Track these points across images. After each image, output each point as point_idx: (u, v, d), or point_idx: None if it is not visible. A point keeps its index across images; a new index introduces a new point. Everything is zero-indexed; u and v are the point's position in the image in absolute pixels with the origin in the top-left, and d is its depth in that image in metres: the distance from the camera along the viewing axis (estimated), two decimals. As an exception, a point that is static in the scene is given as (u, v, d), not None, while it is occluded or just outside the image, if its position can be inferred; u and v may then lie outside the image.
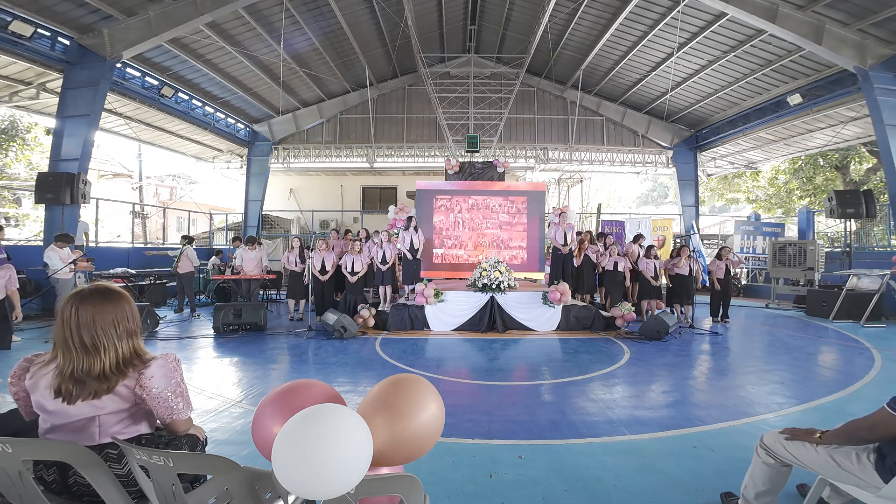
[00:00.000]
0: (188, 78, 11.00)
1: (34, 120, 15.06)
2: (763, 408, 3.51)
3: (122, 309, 1.46)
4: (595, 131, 14.79)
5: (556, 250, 7.90)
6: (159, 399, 1.42)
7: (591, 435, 2.96)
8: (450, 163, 10.35)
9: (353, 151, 14.56)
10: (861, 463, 1.68)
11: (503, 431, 3.02)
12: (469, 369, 4.67)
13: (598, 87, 13.81)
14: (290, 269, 7.76)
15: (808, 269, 9.82)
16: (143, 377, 1.41)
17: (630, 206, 36.68)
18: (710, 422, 3.20)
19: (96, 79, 8.01)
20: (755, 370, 4.67)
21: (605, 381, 4.26)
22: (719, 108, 12.69)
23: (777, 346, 5.95)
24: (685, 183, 14.64)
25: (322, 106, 14.43)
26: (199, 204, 16.82)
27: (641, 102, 13.95)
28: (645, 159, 14.74)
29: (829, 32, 8.03)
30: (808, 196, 17.74)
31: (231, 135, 13.34)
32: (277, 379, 4.34)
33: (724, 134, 13.00)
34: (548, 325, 6.83)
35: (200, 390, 3.87)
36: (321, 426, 0.98)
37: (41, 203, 7.77)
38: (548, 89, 14.72)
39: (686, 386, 4.15)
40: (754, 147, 13.76)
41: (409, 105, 14.76)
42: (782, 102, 10.75)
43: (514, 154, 14.51)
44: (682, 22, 9.52)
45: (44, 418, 1.41)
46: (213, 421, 3.18)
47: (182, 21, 8.15)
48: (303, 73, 12.15)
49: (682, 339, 6.23)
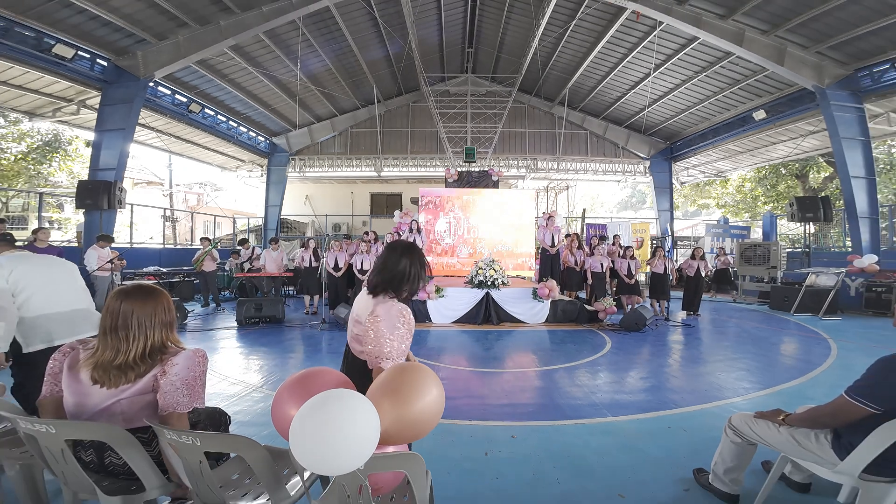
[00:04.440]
0: (214, 95, 10.99)
1: (75, 133, 15.03)
2: (731, 392, 3.52)
3: (161, 304, 1.46)
4: (580, 143, 14.78)
5: (545, 251, 7.90)
6: (170, 386, 1.36)
7: (577, 417, 2.97)
8: (449, 172, 10.36)
9: (363, 162, 14.55)
10: (819, 442, 1.68)
11: (497, 414, 3.02)
12: (467, 358, 4.68)
13: (582, 103, 13.81)
14: (305, 266, 7.75)
15: (771, 267, 9.82)
16: (168, 364, 1.38)
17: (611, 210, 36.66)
18: (684, 405, 3.21)
19: (131, 96, 8.00)
20: (724, 358, 4.68)
21: (589, 368, 4.27)
22: (692, 122, 12.70)
23: (743, 336, 5.96)
24: (661, 190, 14.64)
25: (335, 121, 14.42)
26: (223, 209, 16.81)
27: (622, 117, 13.96)
28: (625, 169, 14.74)
29: (790, 55, 8.04)
30: (771, 202, 17.74)
31: (252, 147, 13.33)
32: (294, 367, 4.34)
33: (696, 146, 13.00)
34: (537, 318, 6.83)
35: (224, 377, 3.87)
36: (334, 409, 0.98)
37: (81, 208, 7.76)
38: (537, 106, 14.72)
39: (662, 373, 4.15)
40: (723, 157, 13.77)
41: (412, 120, 14.75)
42: (748, 118, 10.75)
43: (507, 164, 14.50)
44: (658, 45, 9.52)
45: (74, 402, 1.37)
46: (237, 405, 3.19)
47: (208, 44, 8.14)
48: (317, 91, 12.15)
49: (658, 331, 6.24)
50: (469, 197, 9.70)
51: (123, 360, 1.36)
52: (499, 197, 9.87)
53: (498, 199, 9.78)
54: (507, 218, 9.60)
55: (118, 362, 1.36)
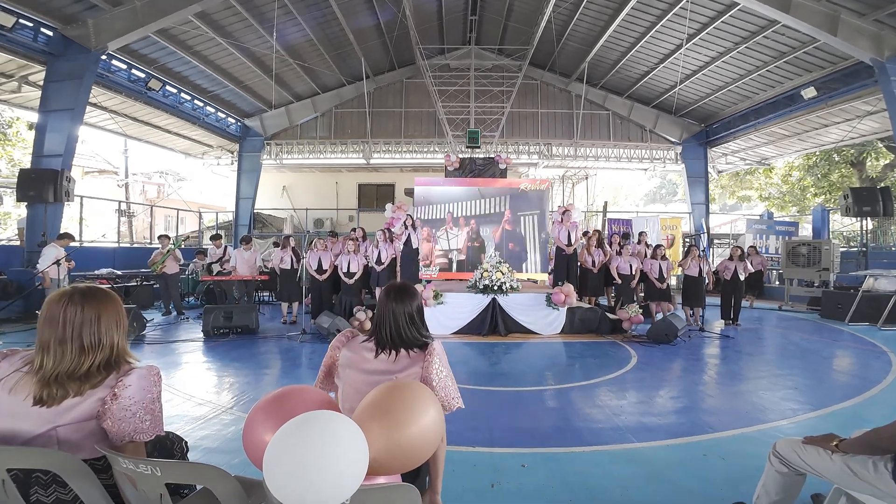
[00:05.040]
0: (176, 70, 10.99)
1: (16, 114, 15.03)
2: (776, 414, 3.51)
3: (114, 307, 1.45)
4: (601, 126, 14.80)
5: (560, 250, 7.89)
6: (125, 412, 1.33)
7: (597, 442, 2.96)
8: (449, 159, 10.35)
9: (349, 147, 14.56)
10: (878, 472, 1.67)
11: (505, 439, 3.02)
12: (470, 374, 4.67)
13: (604, 80, 13.81)
14: (283, 268, 7.74)
15: (822, 269, 9.82)
16: (120, 385, 1.35)
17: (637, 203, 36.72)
18: (721, 429, 3.20)
19: (80, 71, 7.99)
20: (768, 375, 4.67)
21: (611, 386, 4.26)
22: (730, 101, 12.69)
23: (791, 349, 5.95)
24: (695, 180, 14.65)
25: (316, 100, 14.43)
26: (187, 202, 16.79)
27: (649, 96, 13.96)
28: (653, 155, 14.75)
29: (844, 23, 8.03)
30: (822, 193, 17.75)
31: (221, 130, 13.32)
32: (269, 384, 4.33)
33: (735, 129, 13.00)
34: (552, 328, 6.82)
35: (189, 396, 3.86)
36: (315, 434, 0.98)
37: (23, 201, 7.76)
38: (552, 82, 14.73)
39: (696, 391, 4.15)
40: (767, 142, 13.77)
41: (406, 99, 14.76)
42: (796, 96, 10.75)
43: (517, 150, 14.51)
44: (692, 12, 9.52)
45: (2, 428, 1.30)
46: (203, 428, 3.18)
47: (170, 11, 8.14)
48: (296, 66, 12.15)
49: (691, 343, 6.23)
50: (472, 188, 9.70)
51: (71, 370, 1.34)
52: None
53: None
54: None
55: (65, 371, 1.33)
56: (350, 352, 1.67)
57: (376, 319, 1.70)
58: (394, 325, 1.64)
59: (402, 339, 1.64)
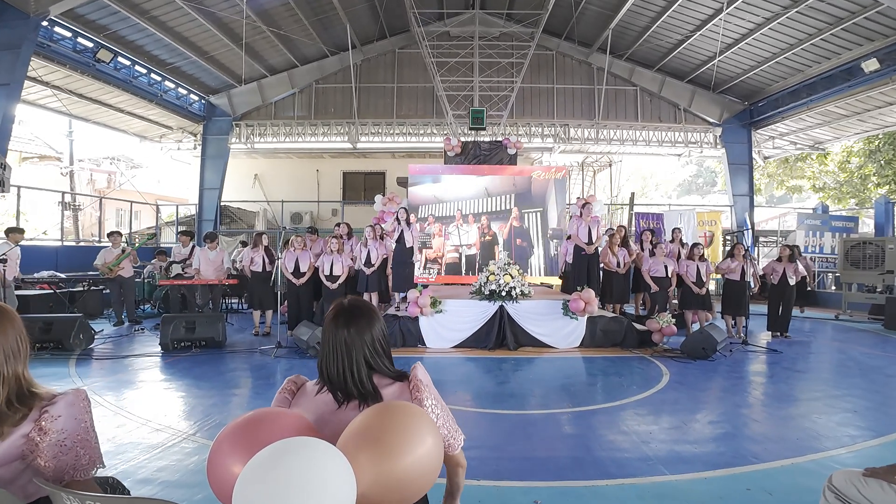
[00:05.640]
0: (130, 39, 10.98)
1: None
2: (832, 442, 3.52)
3: (16, 329, 1.40)
4: (627, 104, 14.79)
5: (580, 250, 7.90)
6: (58, 447, 1.31)
7: (623, 475, 2.96)
8: (450, 142, 10.37)
9: (332, 129, 14.56)
10: (952, 509, 1.67)
11: (515, 470, 3.02)
12: (473, 395, 4.68)
13: (630, 50, 13.80)
14: (254, 271, 7.74)
15: (887, 272, 9.82)
16: (46, 417, 1.33)
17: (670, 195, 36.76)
18: (768, 459, 3.20)
19: (17, 40, 7.98)
20: (822, 396, 4.67)
21: (639, 408, 4.27)
22: (779, 75, 12.70)
23: (849, 366, 5.95)
24: (737, 167, 14.66)
25: (293, 73, 14.42)
26: (143, 193, 16.78)
27: (684, 69, 13.96)
28: (688, 138, 14.75)
29: (912, -17, 8.04)
30: (886, 183, 17.74)
31: (182, 108, 13.33)
32: (239, 407, 4.34)
33: (784, 107, 13.00)
34: (569, 340, 6.83)
35: (144, 421, 3.86)
36: (292, 465, 0.98)
37: (-50, 192, 7.75)
38: (569, 53, 14.72)
39: (738, 415, 4.15)
40: (821, 123, 13.76)
41: (399, 72, 14.76)
42: (856, 69, 10.74)
43: (529, 132, 14.52)
44: (734, -29, 9.52)
45: None
46: (160, 458, 3.18)
47: (122, -31, 8.14)
48: (270, 34, 12.13)
49: (732, 358, 6.23)
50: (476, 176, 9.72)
51: None
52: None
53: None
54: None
55: None
56: (304, 410, 1.42)
57: (320, 356, 1.43)
58: (347, 365, 1.37)
59: (359, 387, 1.37)
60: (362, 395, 1.37)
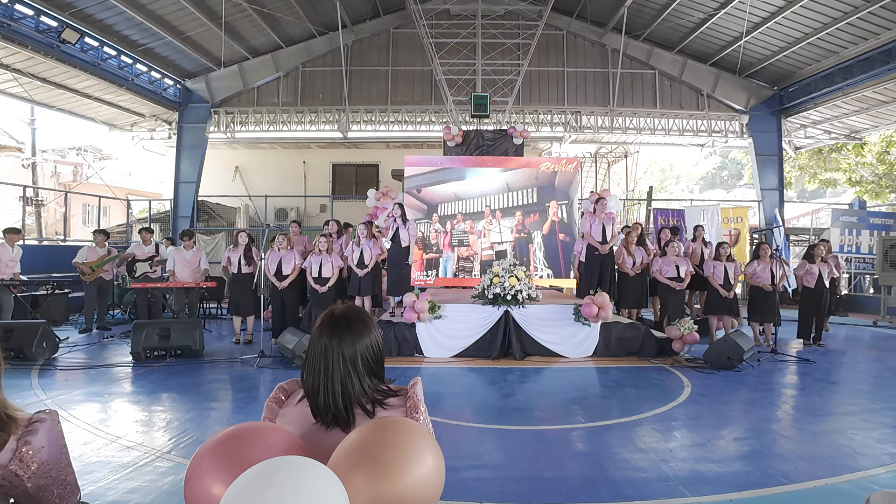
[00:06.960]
0: (98, 18, 10.97)
1: None
2: (870, 460, 3.52)
3: None
4: (645, 89, 14.79)
5: (592, 249, 7.90)
6: (45, 479, 1.31)
7: (640, 497, 2.97)
8: (450, 132, 10.36)
9: (320, 117, 14.56)
10: None
11: (522, 492, 3.02)
12: (476, 409, 4.68)
13: (648, 30, 13.80)
14: (234, 272, 7.73)
15: (929, 274, 9.85)
16: (26, 447, 1.31)
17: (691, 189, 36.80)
18: (799, 479, 3.21)
19: (-26, 18, 7.99)
20: (859, 410, 4.69)
21: (657, 424, 4.28)
22: (811, 58, 12.70)
23: (888, 377, 5.96)
24: (765, 159, 14.67)
25: (278, 55, 14.42)
26: (112, 187, 16.78)
27: (707, 51, 13.96)
28: (711, 127, 14.77)
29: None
30: (930, 176, 17.78)
31: (156, 94, 13.32)
32: (218, 422, 4.35)
33: (817, 93, 13.01)
34: (581, 349, 6.84)
35: (114, 437, 3.86)
36: (279, 486, 0.98)
37: None
38: (581, 33, 14.73)
39: (766, 431, 4.16)
40: (858, 111, 13.77)
41: (394, 54, 14.76)
42: (895, 51, 10.76)
43: (536, 120, 14.53)
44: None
45: None
46: (132, 478, 3.18)
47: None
48: (252, 12, 12.13)
49: (760, 368, 6.24)
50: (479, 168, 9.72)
51: None
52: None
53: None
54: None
55: None
56: (291, 424, 1.39)
57: (303, 368, 1.42)
58: (335, 384, 1.34)
59: (340, 410, 1.33)
60: (341, 419, 1.34)
